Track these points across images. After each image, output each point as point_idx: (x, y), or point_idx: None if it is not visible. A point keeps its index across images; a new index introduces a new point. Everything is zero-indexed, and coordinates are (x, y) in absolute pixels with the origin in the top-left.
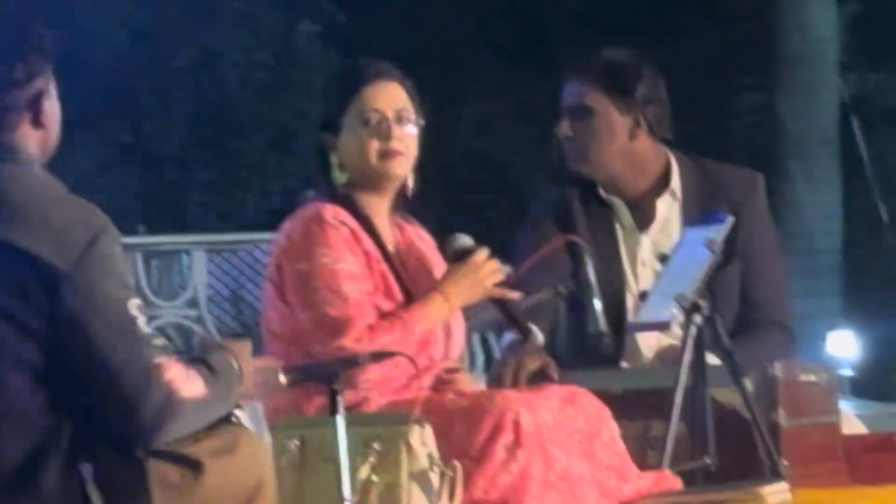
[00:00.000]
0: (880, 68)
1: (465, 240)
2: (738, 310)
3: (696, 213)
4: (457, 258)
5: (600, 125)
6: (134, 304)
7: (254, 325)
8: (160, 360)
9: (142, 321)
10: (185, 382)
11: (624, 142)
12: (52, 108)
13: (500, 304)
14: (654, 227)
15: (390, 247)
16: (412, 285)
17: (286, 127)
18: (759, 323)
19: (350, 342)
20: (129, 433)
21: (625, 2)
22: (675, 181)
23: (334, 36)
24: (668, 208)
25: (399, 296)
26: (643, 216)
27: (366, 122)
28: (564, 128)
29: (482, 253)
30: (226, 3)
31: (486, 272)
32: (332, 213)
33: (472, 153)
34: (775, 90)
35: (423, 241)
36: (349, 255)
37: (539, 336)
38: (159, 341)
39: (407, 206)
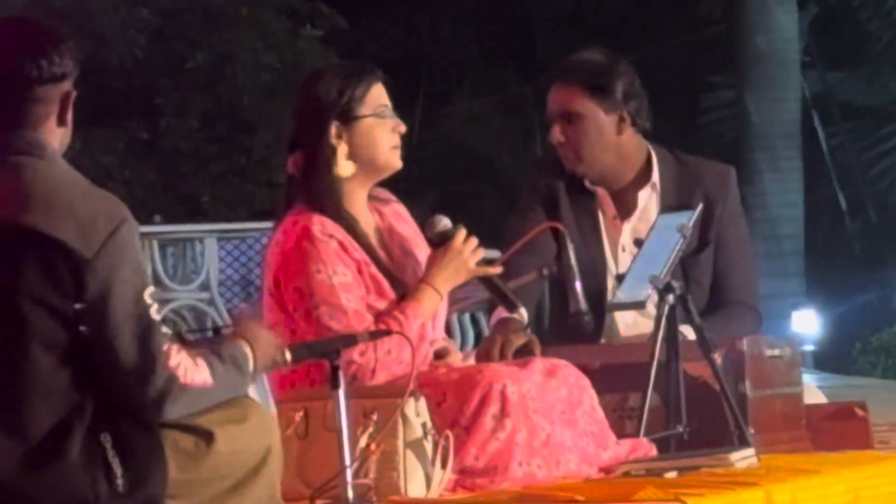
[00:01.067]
0: (839, 67)
1: (444, 223)
2: (709, 292)
3: (673, 203)
4: (438, 242)
5: (589, 127)
6: (149, 292)
7: (261, 307)
8: (167, 346)
9: (154, 309)
10: (192, 370)
11: (612, 138)
12: (71, 112)
13: (485, 280)
14: (635, 215)
15: (373, 237)
16: (399, 271)
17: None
18: (729, 304)
19: (356, 355)
20: (133, 410)
21: (604, 8)
22: (655, 173)
23: (335, 40)
24: (647, 198)
25: (391, 293)
26: (625, 206)
27: (381, 116)
28: (557, 134)
29: (461, 234)
30: (235, 11)
31: (468, 253)
32: (320, 227)
33: (462, 146)
34: (742, 88)
35: (403, 219)
36: (341, 266)
37: (524, 313)
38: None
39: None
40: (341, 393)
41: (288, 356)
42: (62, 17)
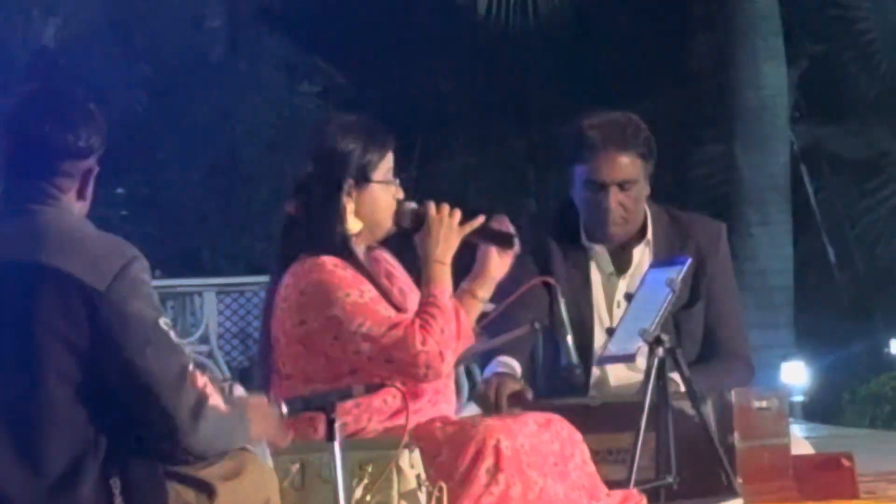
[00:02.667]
0: (827, 121)
1: (410, 205)
2: (701, 345)
3: (666, 258)
4: (416, 225)
5: (639, 192)
6: (163, 320)
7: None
8: (192, 368)
9: (173, 334)
10: (214, 393)
11: (643, 202)
12: (92, 186)
13: (476, 232)
14: (629, 271)
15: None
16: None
17: (289, 178)
18: (722, 355)
19: (419, 345)
20: (167, 435)
21: (595, 62)
22: (650, 231)
23: (333, 95)
24: (641, 254)
25: None
26: (621, 263)
27: (388, 183)
28: (613, 202)
29: (432, 206)
30: (234, 67)
31: (448, 218)
32: (331, 261)
33: (456, 200)
34: (732, 142)
35: (395, 267)
36: (363, 285)
37: (517, 366)
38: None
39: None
40: (336, 445)
41: (285, 410)
42: (65, 72)
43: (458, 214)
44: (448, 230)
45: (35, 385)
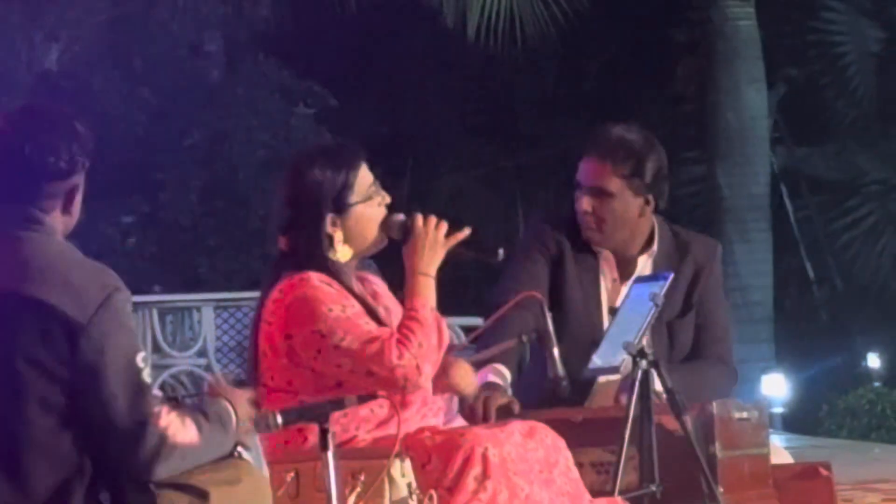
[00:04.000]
0: (806, 143)
1: (398, 217)
2: (690, 352)
3: (666, 270)
4: (403, 236)
5: (616, 206)
6: (141, 357)
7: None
8: (157, 408)
9: (146, 372)
10: (181, 429)
11: (633, 218)
12: (79, 199)
13: (461, 246)
14: (632, 279)
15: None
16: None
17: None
18: (706, 358)
19: (395, 360)
20: (126, 469)
21: (582, 86)
22: (656, 244)
23: (326, 118)
24: (644, 264)
25: None
26: (626, 270)
27: (370, 198)
28: (584, 204)
29: (418, 218)
30: (232, 90)
31: (434, 230)
32: (318, 277)
33: (446, 220)
34: (714, 163)
35: (380, 287)
36: (348, 300)
37: (508, 375)
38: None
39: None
40: (330, 454)
41: (279, 420)
42: (67, 95)
43: (444, 227)
44: (433, 242)
45: (17, 413)
